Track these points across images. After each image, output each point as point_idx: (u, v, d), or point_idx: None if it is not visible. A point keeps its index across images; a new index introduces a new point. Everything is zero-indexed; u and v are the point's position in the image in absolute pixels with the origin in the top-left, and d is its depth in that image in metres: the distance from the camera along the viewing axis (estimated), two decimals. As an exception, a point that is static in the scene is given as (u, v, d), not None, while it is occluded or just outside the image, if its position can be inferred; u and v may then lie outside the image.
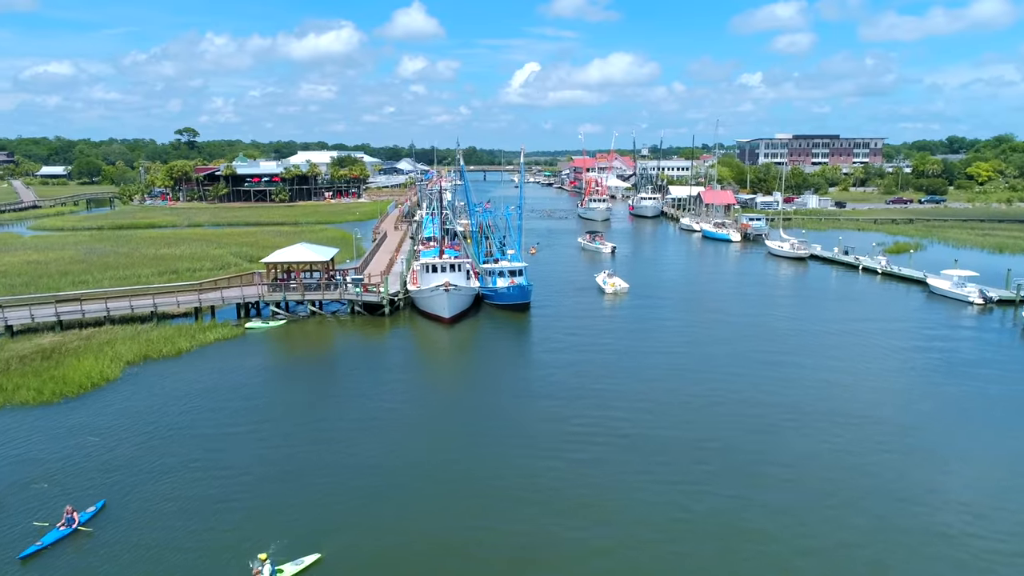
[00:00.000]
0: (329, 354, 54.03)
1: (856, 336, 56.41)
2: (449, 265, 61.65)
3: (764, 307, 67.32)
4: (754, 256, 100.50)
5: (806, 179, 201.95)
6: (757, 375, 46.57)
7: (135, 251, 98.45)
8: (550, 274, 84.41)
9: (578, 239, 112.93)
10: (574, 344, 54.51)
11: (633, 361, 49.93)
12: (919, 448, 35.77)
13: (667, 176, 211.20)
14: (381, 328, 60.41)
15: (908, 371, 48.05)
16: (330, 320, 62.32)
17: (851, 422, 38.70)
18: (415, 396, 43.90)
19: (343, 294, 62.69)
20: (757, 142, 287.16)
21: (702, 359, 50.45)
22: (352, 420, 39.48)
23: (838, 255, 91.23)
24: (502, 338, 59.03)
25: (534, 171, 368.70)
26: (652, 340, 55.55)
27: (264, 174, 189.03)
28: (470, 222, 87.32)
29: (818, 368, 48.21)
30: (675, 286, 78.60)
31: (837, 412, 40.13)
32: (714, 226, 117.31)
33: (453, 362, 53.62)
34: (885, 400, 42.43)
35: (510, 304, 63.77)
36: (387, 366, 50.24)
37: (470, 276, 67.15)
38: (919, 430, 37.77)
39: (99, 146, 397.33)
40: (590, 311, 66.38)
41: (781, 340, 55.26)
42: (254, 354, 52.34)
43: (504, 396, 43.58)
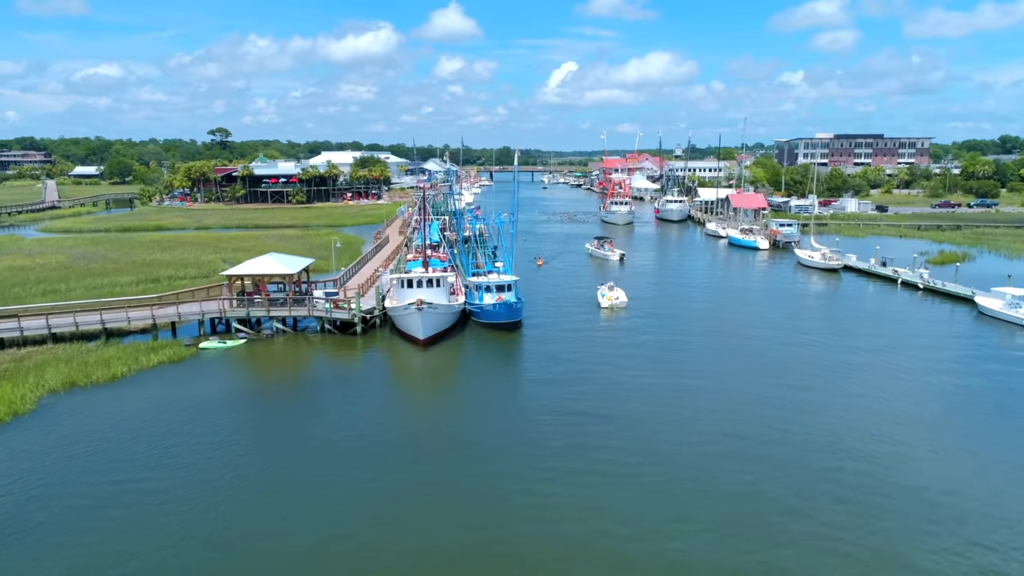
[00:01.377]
0: (282, 382, 48.03)
1: (891, 368, 48.55)
2: (427, 280, 55.23)
3: (784, 328, 59.63)
4: (782, 266, 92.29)
5: (846, 181, 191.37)
6: (766, 420, 39.28)
7: (126, 256, 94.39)
8: (552, 286, 77.64)
9: (586, 244, 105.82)
10: (557, 376, 47.60)
11: (621, 399, 42.96)
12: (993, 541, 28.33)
13: (698, 177, 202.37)
14: (352, 350, 54.40)
15: (953, 416, 40.27)
16: (298, 339, 56.50)
17: (885, 494, 31.33)
18: (369, 441, 37.55)
19: (312, 310, 56.83)
20: (796, 142, 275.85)
21: (697, 396, 43.26)
22: (281, 480, 33.36)
23: (874, 266, 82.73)
24: (480, 366, 52.54)
25: (564, 172, 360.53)
26: (648, 367, 48.46)
27: (281, 175, 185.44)
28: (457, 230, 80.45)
29: (845, 411, 40.71)
30: (685, 300, 71.12)
31: (865, 480, 32.75)
32: (740, 232, 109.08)
33: (419, 396, 47.25)
34: (925, 463, 34.90)
35: (497, 323, 57.25)
36: (347, 397, 44.01)
37: (454, 291, 60.83)
38: (974, 503, 30.27)
39: (135, 146, 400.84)
40: (584, 330, 59.43)
41: (797, 370, 47.71)
42: (198, 380, 46.61)
43: (463, 451, 37.05)
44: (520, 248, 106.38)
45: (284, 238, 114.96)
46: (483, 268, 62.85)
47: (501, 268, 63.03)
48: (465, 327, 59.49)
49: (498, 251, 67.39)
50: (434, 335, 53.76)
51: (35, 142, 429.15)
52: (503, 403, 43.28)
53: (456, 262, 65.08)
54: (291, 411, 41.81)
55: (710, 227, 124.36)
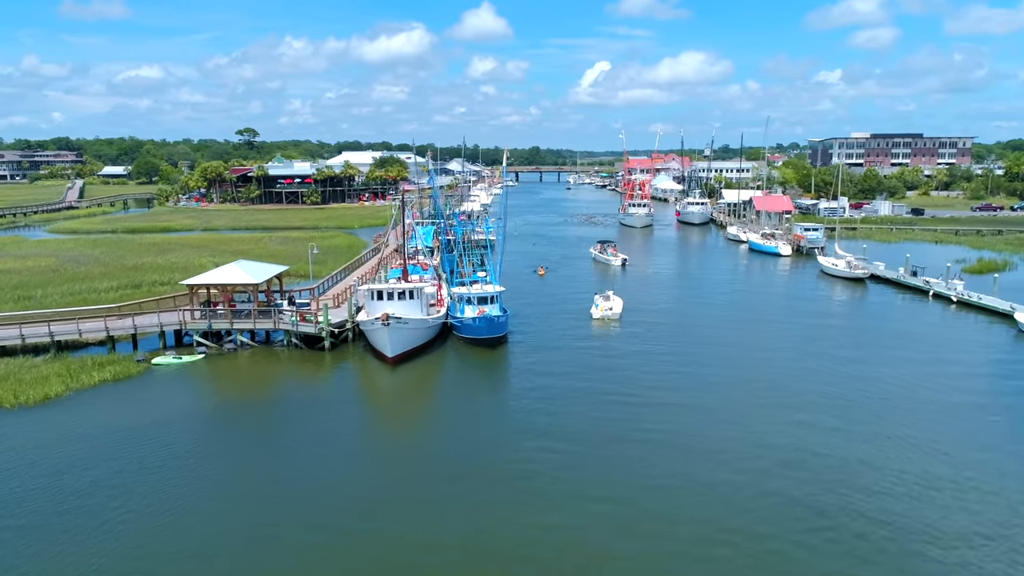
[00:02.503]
0: (231, 404, 43.73)
1: (918, 400, 42.72)
2: (398, 292, 50.57)
3: (796, 348, 53.87)
4: (803, 275, 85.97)
5: (880, 182, 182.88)
6: (763, 473, 33.93)
7: (118, 259, 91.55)
8: (550, 296, 72.51)
9: (590, 249, 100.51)
10: (530, 400, 42.69)
11: (588, 432, 37.89)
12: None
13: (724, 178, 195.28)
14: (317, 367, 50.06)
15: (990, 454, 34.47)
16: (263, 354, 52.30)
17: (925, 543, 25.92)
18: (313, 483, 33.05)
19: (278, 323, 52.62)
20: (830, 141, 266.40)
21: (682, 432, 37.97)
22: (206, 534, 28.98)
23: (904, 276, 76.15)
24: (453, 387, 47.90)
25: (591, 172, 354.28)
26: (630, 393, 43.22)
27: (296, 175, 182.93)
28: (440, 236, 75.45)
29: (868, 450, 35.15)
30: (689, 312, 65.46)
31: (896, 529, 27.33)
32: (761, 237, 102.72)
33: (379, 423, 42.66)
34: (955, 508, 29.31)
35: (477, 339, 52.44)
36: (298, 422, 39.63)
37: (434, 303, 56.18)
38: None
39: (165, 146, 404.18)
40: (573, 344, 54.27)
41: (803, 401, 42.09)
42: (139, 402, 42.57)
43: (416, 494, 32.34)
44: (527, 253, 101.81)
45: (287, 240, 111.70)
46: (468, 277, 58.00)
47: (486, 278, 58.09)
48: (447, 341, 54.89)
49: (485, 259, 61.99)
50: (405, 352, 49.15)
51: (70, 142, 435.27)
52: (468, 430, 38.47)
53: (440, 271, 60.28)
54: (234, 441, 37.57)
55: (731, 231, 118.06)
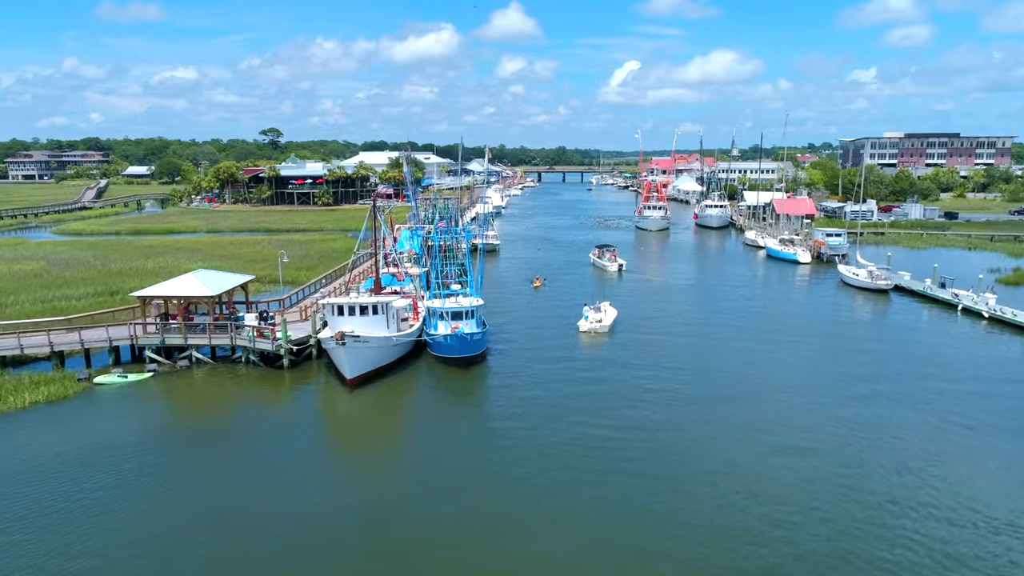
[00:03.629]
0: (172, 431, 39.62)
1: (943, 434, 37.31)
2: (361, 307, 46.15)
3: (806, 369, 48.54)
4: (822, 285, 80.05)
5: (913, 183, 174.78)
6: (761, 531, 28.94)
7: (106, 263, 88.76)
8: (543, 306, 67.73)
9: (589, 254, 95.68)
10: (500, 430, 38.11)
11: (581, 481, 33.16)
12: None
13: (748, 179, 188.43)
14: (275, 387, 45.97)
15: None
16: (218, 372, 48.30)
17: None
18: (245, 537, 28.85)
19: (235, 338, 48.59)
20: (862, 141, 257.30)
21: (660, 471, 33.05)
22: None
23: (930, 288, 70.04)
24: (415, 415, 43.47)
25: (615, 173, 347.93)
26: (607, 420, 38.39)
27: (308, 176, 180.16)
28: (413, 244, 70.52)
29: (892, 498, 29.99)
30: (689, 325, 60.19)
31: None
32: (779, 243, 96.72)
33: (326, 453, 38.31)
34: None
35: (449, 358, 47.90)
36: (235, 453, 35.55)
37: (407, 317, 51.77)
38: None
39: (190, 146, 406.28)
40: (558, 361, 49.49)
41: (815, 437, 36.89)
42: (70, 428, 38.75)
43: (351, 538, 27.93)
44: (529, 260, 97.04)
45: (287, 243, 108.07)
46: (444, 290, 53.30)
47: (465, 290, 53.42)
48: (420, 359, 50.47)
49: (465, 269, 57.03)
50: (367, 373, 44.80)
51: (100, 143, 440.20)
52: (423, 464, 33.98)
53: (416, 284, 55.75)
54: (170, 472, 33.38)
55: (749, 236, 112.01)
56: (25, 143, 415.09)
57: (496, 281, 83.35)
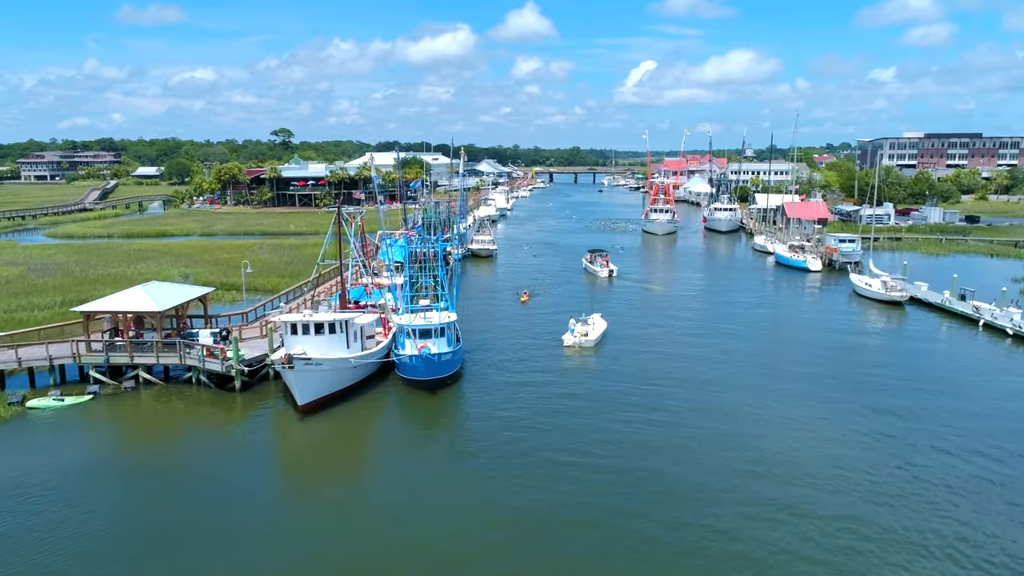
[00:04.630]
0: (102, 460, 35.78)
1: (961, 469, 32.72)
2: (315, 325, 42.07)
3: (807, 396, 43.91)
4: (833, 296, 75.11)
5: (932, 185, 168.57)
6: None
7: (86, 270, 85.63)
8: (532, 317, 63.46)
9: (582, 259, 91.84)
10: (469, 470, 33.98)
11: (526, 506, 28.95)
12: None
13: (760, 181, 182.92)
14: (225, 412, 42.12)
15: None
16: (166, 394, 44.48)
17: None
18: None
19: (184, 358, 44.76)
20: (881, 142, 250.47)
21: (621, 536, 28.73)
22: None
23: (949, 301, 65.03)
24: (372, 446, 39.44)
25: (627, 174, 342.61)
26: (586, 449, 34.12)
27: (310, 177, 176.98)
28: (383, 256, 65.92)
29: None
30: (683, 340, 55.53)
31: None
32: (789, 249, 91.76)
33: (268, 489, 34.23)
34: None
35: (416, 380, 43.78)
36: (182, 488, 31.65)
37: (374, 335, 47.72)
38: None
39: (201, 147, 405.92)
40: (538, 382, 45.21)
41: (819, 480, 32.41)
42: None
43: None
44: (522, 267, 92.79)
45: (279, 248, 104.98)
46: (412, 305, 48.96)
47: (440, 304, 49.23)
48: (385, 379, 46.45)
49: (440, 279, 52.33)
50: (322, 398, 40.81)
51: (113, 143, 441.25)
52: (369, 506, 29.90)
53: (389, 295, 51.53)
54: (96, 509, 29.54)
55: (758, 241, 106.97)
56: (42, 144, 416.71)
57: (488, 289, 79.28)
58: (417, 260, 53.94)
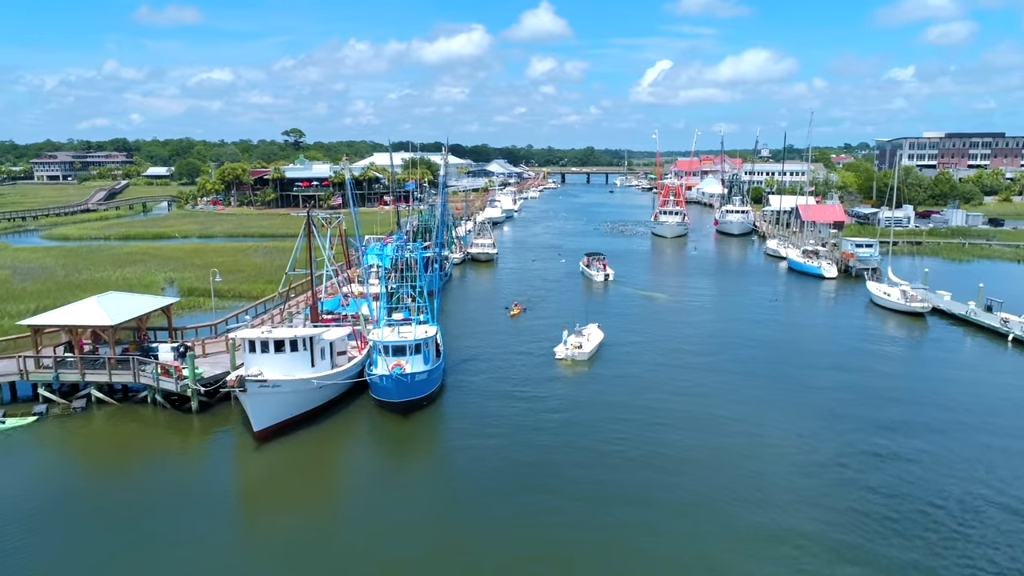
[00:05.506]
0: (38, 492, 32.50)
1: (986, 508, 28.63)
2: (275, 342, 38.48)
3: (816, 419, 39.81)
4: (849, 305, 70.71)
5: (954, 186, 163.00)
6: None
7: (71, 274, 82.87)
8: (526, 326, 59.62)
9: (579, 262, 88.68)
10: (438, 509, 30.31)
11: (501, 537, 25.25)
12: None
13: (775, 181, 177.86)
14: (180, 436, 38.75)
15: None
16: (119, 415, 41.10)
17: None
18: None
19: (139, 376, 41.39)
20: (900, 141, 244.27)
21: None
22: None
23: (975, 312, 60.52)
24: (333, 478, 35.66)
25: (639, 174, 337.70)
26: (573, 477, 30.33)
27: (314, 178, 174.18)
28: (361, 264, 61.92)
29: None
30: (680, 353, 51.39)
31: None
32: (802, 255, 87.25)
33: (214, 528, 30.71)
34: None
35: (388, 402, 40.10)
36: (122, 524, 28.21)
37: (347, 350, 44.14)
38: None
39: (213, 147, 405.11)
40: (523, 403, 41.44)
41: (829, 524, 28.44)
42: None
43: None
44: (520, 273, 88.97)
45: (275, 252, 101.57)
46: (384, 319, 45.17)
47: (419, 317, 45.46)
48: (364, 398, 42.85)
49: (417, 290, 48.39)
50: (283, 422, 37.28)
51: (127, 143, 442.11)
52: (323, 545, 26.29)
53: (369, 308, 47.87)
54: (24, 548, 26.24)
55: (770, 245, 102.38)
56: (58, 144, 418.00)
57: (482, 297, 75.59)
58: (397, 269, 50.23)
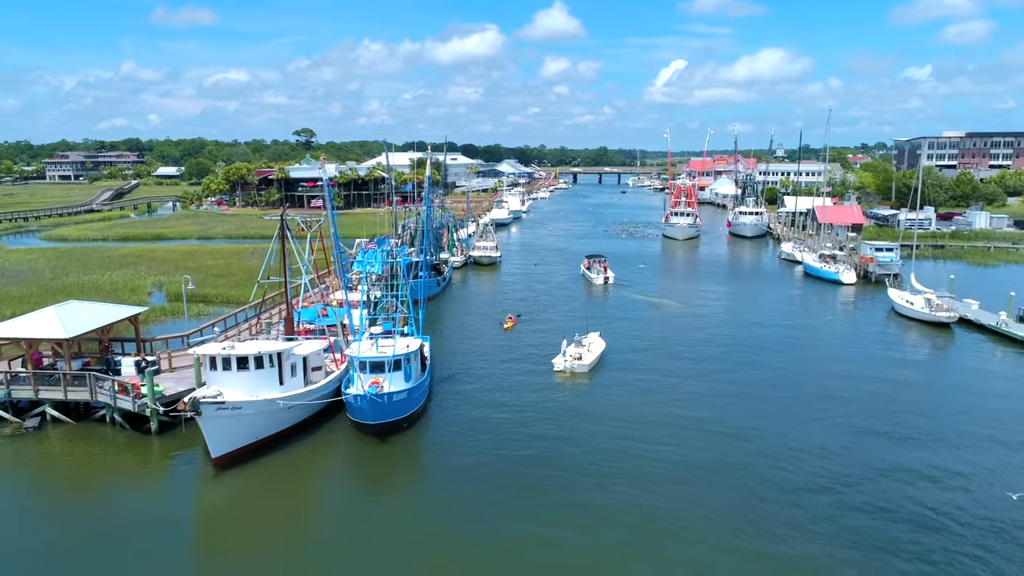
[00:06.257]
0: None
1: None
2: (238, 359, 35.08)
3: (834, 437, 35.98)
4: (869, 313, 66.60)
5: (976, 187, 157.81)
6: None
7: (57, 278, 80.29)
8: (525, 335, 56.01)
9: (580, 265, 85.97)
10: (418, 548, 26.89)
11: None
12: None
13: (791, 182, 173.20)
14: (139, 460, 35.52)
15: None
16: (74, 435, 37.92)
17: None
18: None
19: (96, 393, 38.21)
20: (919, 141, 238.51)
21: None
22: None
23: (1006, 323, 56.31)
24: (301, 510, 32.12)
25: (652, 174, 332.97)
26: (581, 517, 26.80)
27: (319, 178, 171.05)
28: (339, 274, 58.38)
29: None
30: (687, 366, 47.66)
31: None
32: (819, 259, 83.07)
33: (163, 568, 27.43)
34: None
35: (363, 424, 36.66)
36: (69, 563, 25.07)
37: (322, 366, 40.76)
38: None
39: (225, 147, 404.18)
40: (521, 420, 37.97)
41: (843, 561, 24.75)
42: None
43: None
44: (521, 278, 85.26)
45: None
46: (360, 333, 41.69)
47: (404, 329, 42.00)
48: (333, 419, 39.50)
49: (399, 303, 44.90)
50: (242, 449, 33.94)
51: (140, 143, 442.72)
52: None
53: (348, 319, 44.52)
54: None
55: (785, 248, 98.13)
56: (72, 144, 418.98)
57: (481, 303, 72.02)
58: (382, 276, 46.86)
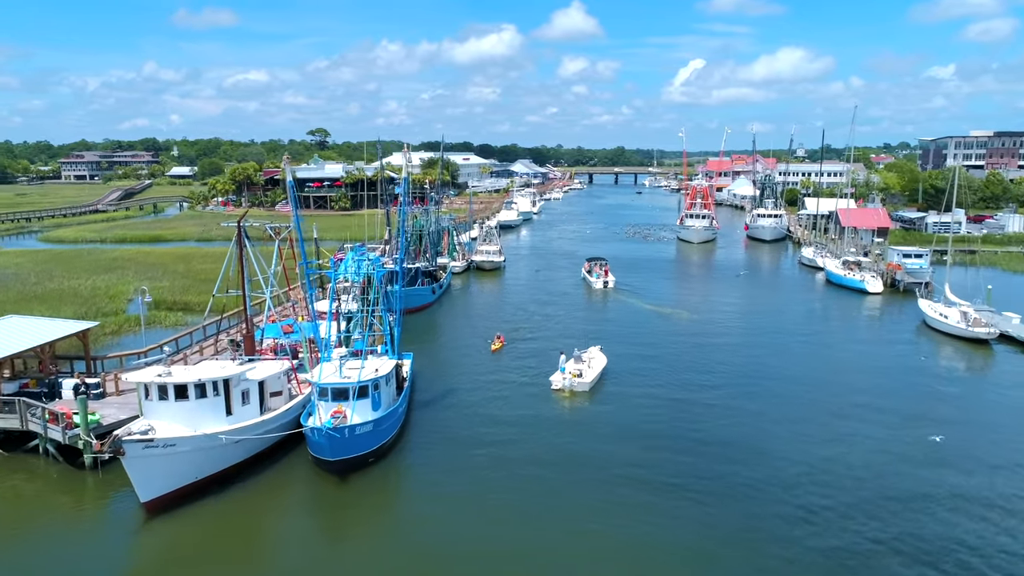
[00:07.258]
0: None
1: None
2: (176, 387, 30.74)
3: (861, 482, 31.06)
4: (897, 326, 61.23)
5: (1007, 188, 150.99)
6: None
7: (43, 283, 77.25)
8: (521, 348, 51.38)
9: (581, 268, 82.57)
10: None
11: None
12: None
13: (812, 183, 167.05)
14: (70, 499, 31.46)
15: None
16: (5, 467, 33.88)
17: None
18: None
19: (27, 422, 34.11)
20: (945, 141, 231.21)
21: None
22: None
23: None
24: (242, 566, 27.80)
25: (669, 175, 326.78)
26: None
27: (325, 178, 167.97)
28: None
29: None
30: (693, 386, 42.80)
31: None
32: (842, 266, 77.64)
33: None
34: None
35: (322, 460, 32.25)
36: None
37: (282, 391, 36.41)
38: None
39: (239, 147, 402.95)
40: (506, 455, 33.40)
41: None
42: None
43: None
44: (524, 285, 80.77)
45: (267, 257, 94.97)
46: (326, 354, 37.28)
47: (378, 349, 37.54)
48: (294, 451, 35.18)
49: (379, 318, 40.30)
50: (178, 491, 29.65)
51: (156, 143, 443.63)
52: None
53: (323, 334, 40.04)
54: None
55: (806, 254, 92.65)
56: (91, 144, 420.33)
57: (480, 313, 67.61)
58: (361, 289, 42.56)
